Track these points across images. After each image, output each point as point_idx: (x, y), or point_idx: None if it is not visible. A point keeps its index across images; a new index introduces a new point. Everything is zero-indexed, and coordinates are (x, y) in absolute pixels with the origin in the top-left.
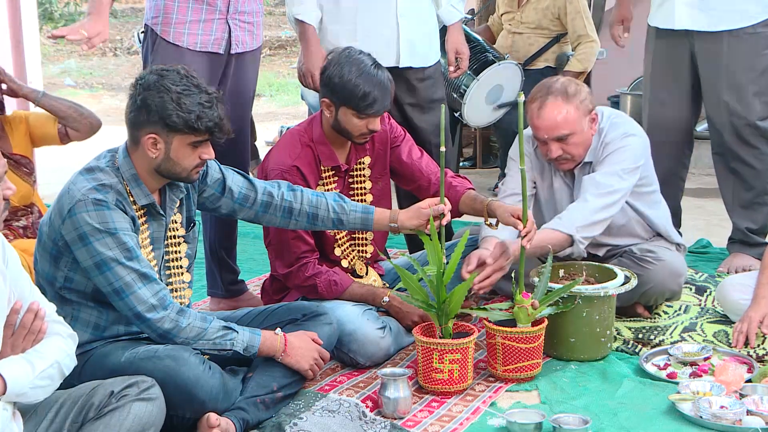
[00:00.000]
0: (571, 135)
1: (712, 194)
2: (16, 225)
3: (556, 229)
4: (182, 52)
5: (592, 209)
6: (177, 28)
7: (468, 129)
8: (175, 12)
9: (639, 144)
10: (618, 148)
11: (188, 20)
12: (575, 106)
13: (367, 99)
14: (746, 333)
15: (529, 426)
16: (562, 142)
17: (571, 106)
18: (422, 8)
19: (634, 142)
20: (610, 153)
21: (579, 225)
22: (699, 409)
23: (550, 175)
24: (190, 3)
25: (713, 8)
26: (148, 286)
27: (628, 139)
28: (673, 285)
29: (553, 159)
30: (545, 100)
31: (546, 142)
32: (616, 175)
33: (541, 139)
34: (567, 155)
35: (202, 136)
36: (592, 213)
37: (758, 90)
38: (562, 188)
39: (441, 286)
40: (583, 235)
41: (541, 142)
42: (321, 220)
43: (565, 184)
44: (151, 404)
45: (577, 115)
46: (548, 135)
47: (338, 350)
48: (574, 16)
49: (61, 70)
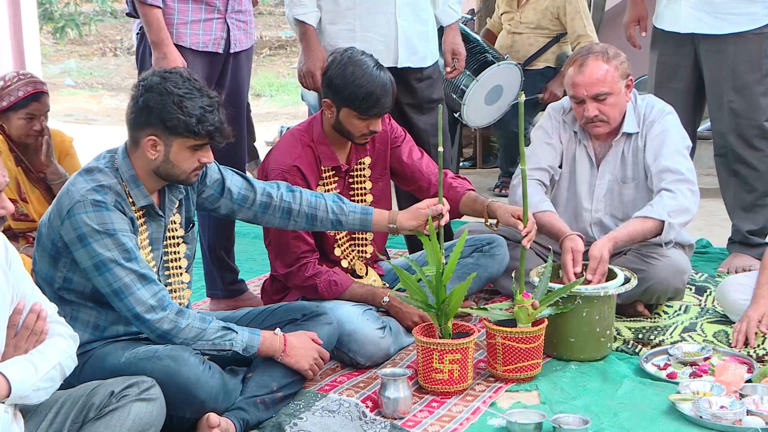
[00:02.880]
0: (609, 95)
1: (713, 194)
2: (30, 234)
3: (648, 216)
4: (184, 52)
5: (681, 194)
6: (179, 28)
7: (468, 129)
8: (176, 13)
9: (677, 120)
10: (667, 128)
11: (189, 20)
12: (615, 66)
13: (369, 100)
14: (746, 333)
15: (529, 426)
16: (599, 102)
17: (611, 66)
18: (421, 8)
19: (674, 119)
20: (662, 132)
21: (671, 210)
22: (699, 410)
23: (575, 146)
24: (189, 3)
25: (720, 12)
26: (147, 287)
27: (669, 117)
28: (677, 282)
29: (589, 120)
30: (587, 58)
31: (584, 101)
32: (681, 156)
33: (580, 97)
34: (603, 116)
35: (202, 139)
36: (683, 198)
37: (765, 90)
38: (583, 160)
39: (440, 286)
40: (677, 221)
41: (578, 102)
42: (320, 221)
43: (587, 156)
44: (152, 404)
45: (616, 75)
46: (588, 92)
47: (338, 350)
48: (573, 16)
49: (61, 70)
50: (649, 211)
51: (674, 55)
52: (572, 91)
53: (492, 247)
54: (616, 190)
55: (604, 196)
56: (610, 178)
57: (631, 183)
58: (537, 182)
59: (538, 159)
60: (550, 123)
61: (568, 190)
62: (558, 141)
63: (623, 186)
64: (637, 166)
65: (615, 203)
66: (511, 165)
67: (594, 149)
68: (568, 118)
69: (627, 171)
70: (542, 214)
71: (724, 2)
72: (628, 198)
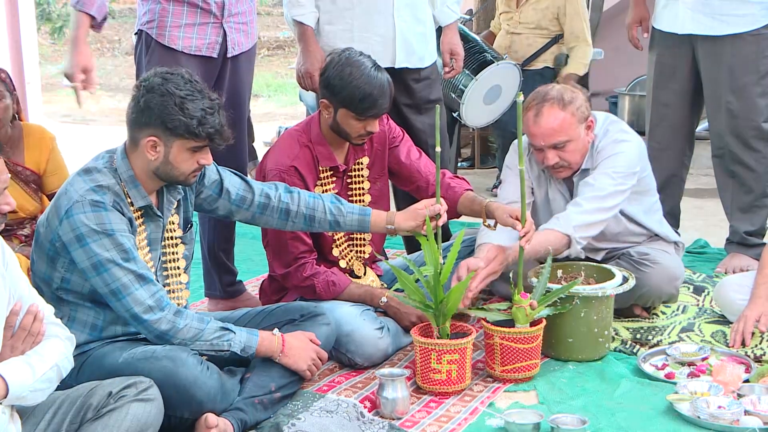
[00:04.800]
0: (568, 142)
1: (711, 195)
2: (20, 233)
3: (554, 228)
4: (177, 56)
5: (588, 210)
6: (172, 31)
7: (466, 129)
8: (170, 16)
9: (633, 149)
10: (612, 154)
11: (183, 24)
12: (571, 113)
13: (366, 101)
14: (743, 332)
15: (527, 426)
16: (558, 150)
17: (568, 113)
18: (419, 9)
19: (627, 147)
20: (605, 159)
21: (576, 225)
22: (697, 410)
23: (546, 184)
24: (184, 7)
25: (717, 13)
26: (145, 288)
27: (621, 145)
28: (670, 288)
29: (550, 167)
30: (542, 107)
31: (542, 150)
32: (609, 177)
33: (538, 147)
34: (564, 162)
35: (202, 141)
36: (589, 214)
37: (763, 92)
38: (558, 197)
39: (438, 286)
40: (581, 235)
41: (538, 150)
42: (318, 222)
43: (560, 193)
44: (150, 405)
45: (574, 121)
46: (545, 142)
47: (336, 351)
48: (573, 17)
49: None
50: (555, 223)
51: (672, 55)
52: (530, 140)
53: None
54: None
55: None
56: None
57: None
58: None
59: (510, 197)
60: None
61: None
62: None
63: None
64: None
65: None
66: None
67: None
68: (533, 157)
69: None
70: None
71: (721, 3)
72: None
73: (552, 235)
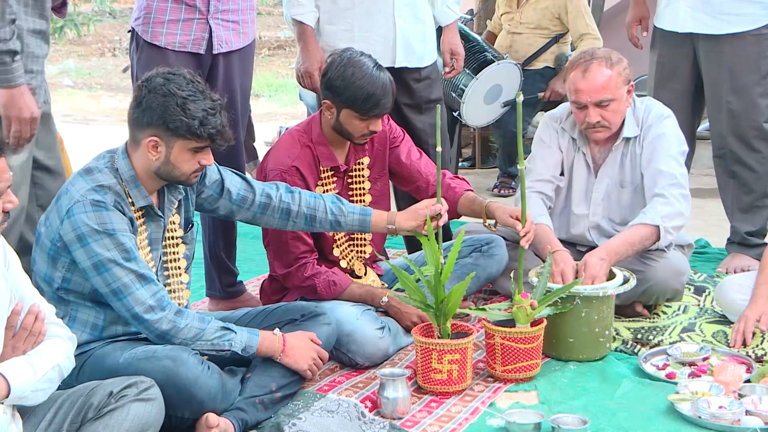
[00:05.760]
0: (611, 101)
1: (711, 194)
2: None
3: (642, 222)
4: (164, 53)
5: (674, 199)
6: (155, 27)
7: (467, 129)
8: (153, 12)
9: (676, 125)
10: (661, 133)
11: (166, 20)
12: (618, 72)
13: (370, 101)
14: (744, 332)
15: (528, 426)
16: (601, 108)
17: (615, 72)
18: (419, 9)
19: (671, 124)
20: (656, 137)
21: (664, 215)
22: (698, 410)
23: (573, 155)
24: (168, 3)
25: (718, 12)
26: (146, 287)
27: (667, 121)
28: (675, 283)
29: (591, 126)
30: (590, 64)
31: (586, 107)
32: (673, 160)
33: (582, 103)
34: (605, 122)
35: (204, 142)
36: (676, 202)
37: (764, 91)
38: (581, 165)
39: (439, 286)
40: (671, 225)
41: (580, 108)
42: (319, 222)
43: (585, 162)
44: (150, 404)
45: (619, 81)
46: (591, 98)
47: (337, 350)
48: (575, 15)
49: (60, 70)
50: (642, 218)
51: (673, 55)
52: (574, 97)
53: (491, 247)
54: (614, 194)
55: (602, 200)
56: (609, 182)
57: (629, 187)
58: (540, 195)
59: (540, 171)
60: (547, 132)
61: (565, 196)
62: (557, 149)
63: (621, 190)
64: (634, 170)
65: (613, 207)
66: (509, 165)
67: (593, 155)
68: (566, 125)
69: (625, 175)
70: (537, 227)
71: (721, 2)
72: (625, 202)
73: (639, 229)
